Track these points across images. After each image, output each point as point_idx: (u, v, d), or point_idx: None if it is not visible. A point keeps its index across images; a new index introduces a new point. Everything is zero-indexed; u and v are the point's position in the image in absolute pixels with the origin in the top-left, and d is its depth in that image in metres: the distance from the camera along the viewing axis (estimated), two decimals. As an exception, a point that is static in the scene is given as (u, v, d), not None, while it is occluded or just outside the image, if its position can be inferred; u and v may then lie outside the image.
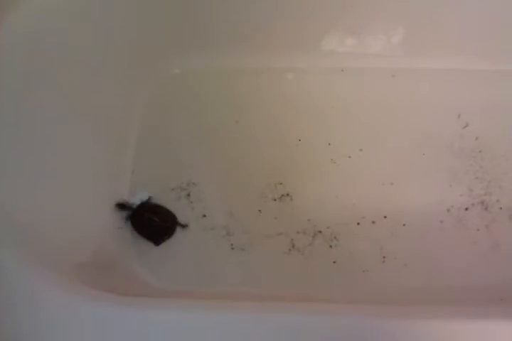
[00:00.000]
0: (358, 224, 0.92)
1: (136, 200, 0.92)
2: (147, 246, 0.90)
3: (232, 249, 0.90)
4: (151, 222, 0.89)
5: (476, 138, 1.01)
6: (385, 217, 0.93)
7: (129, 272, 0.87)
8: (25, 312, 0.60)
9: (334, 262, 0.89)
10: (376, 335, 0.60)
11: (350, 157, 0.98)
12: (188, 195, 0.95)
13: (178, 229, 0.91)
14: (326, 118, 1.02)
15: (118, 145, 0.98)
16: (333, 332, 0.60)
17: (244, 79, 1.07)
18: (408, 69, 1.06)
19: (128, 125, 1.01)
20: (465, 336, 0.59)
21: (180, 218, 0.92)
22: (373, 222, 0.92)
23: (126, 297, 0.67)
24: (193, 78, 1.07)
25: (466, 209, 0.93)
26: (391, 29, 1.05)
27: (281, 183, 0.96)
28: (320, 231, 0.91)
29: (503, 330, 0.60)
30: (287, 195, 0.95)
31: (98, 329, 0.60)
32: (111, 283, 0.78)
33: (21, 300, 0.61)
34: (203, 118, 1.03)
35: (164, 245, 0.90)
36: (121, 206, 0.90)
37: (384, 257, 0.89)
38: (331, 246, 0.90)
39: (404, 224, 0.92)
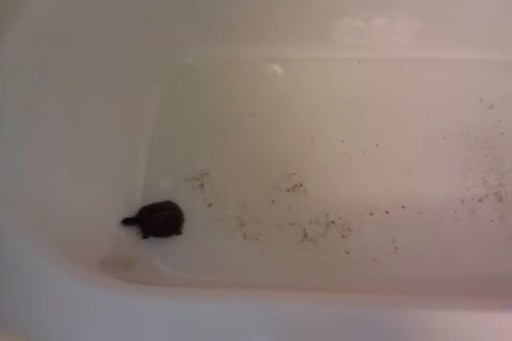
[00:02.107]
0: (371, 214, 0.92)
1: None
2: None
3: (245, 238, 0.91)
4: (154, 221, 0.89)
5: (499, 121, 1.01)
6: (403, 207, 0.92)
7: (144, 262, 0.88)
8: (48, 302, 0.62)
9: (347, 252, 0.89)
10: (387, 325, 0.61)
11: (365, 152, 0.98)
12: (202, 185, 0.95)
13: (190, 220, 0.92)
14: (340, 115, 1.02)
15: (133, 136, 0.99)
16: (344, 322, 0.60)
17: (260, 70, 1.07)
18: (421, 59, 1.05)
19: (143, 116, 1.01)
20: (477, 327, 0.60)
21: (194, 208, 0.93)
22: (387, 212, 0.92)
23: (142, 285, 0.68)
24: (209, 68, 1.08)
25: (480, 200, 0.93)
26: (407, 19, 1.05)
27: (294, 174, 0.96)
28: (333, 222, 0.92)
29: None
30: (300, 185, 0.95)
31: (117, 315, 0.61)
32: (128, 273, 0.80)
33: (43, 289, 0.63)
34: (218, 110, 1.03)
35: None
36: (128, 221, 0.88)
37: (396, 248, 0.89)
38: (343, 237, 0.90)
39: (421, 212, 0.92)
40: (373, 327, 0.60)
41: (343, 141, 0.99)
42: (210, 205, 0.94)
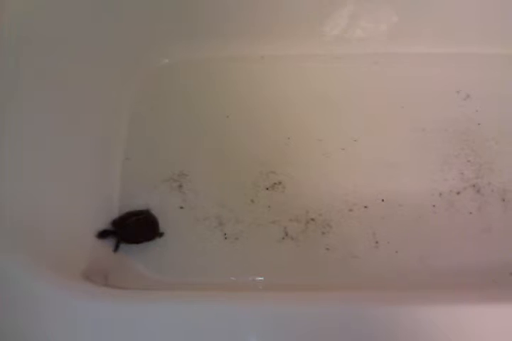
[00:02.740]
0: (351, 210, 0.92)
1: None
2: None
3: (226, 238, 0.90)
4: (128, 227, 0.88)
5: (476, 111, 1.01)
6: (383, 200, 0.93)
7: (126, 269, 0.87)
8: (28, 312, 0.61)
9: (327, 249, 0.89)
10: (372, 322, 0.61)
11: (343, 149, 0.98)
12: (180, 186, 0.95)
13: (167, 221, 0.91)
14: (316, 113, 1.01)
15: (108, 139, 0.97)
16: (330, 321, 0.60)
17: (236, 69, 1.07)
18: (396, 54, 1.06)
19: (118, 117, 1.00)
20: (460, 320, 0.60)
21: (172, 209, 0.92)
22: (366, 207, 0.92)
23: (124, 291, 0.68)
24: (183, 68, 1.07)
25: (458, 193, 0.94)
26: (383, 14, 1.05)
27: (273, 172, 0.96)
28: (313, 219, 0.92)
29: (496, 313, 0.61)
30: (279, 183, 0.95)
31: (101, 323, 0.60)
32: (111, 281, 0.78)
33: (23, 300, 0.61)
34: (194, 111, 1.02)
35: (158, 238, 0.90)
36: (104, 234, 0.86)
37: (377, 242, 0.89)
38: (323, 233, 0.90)
39: (400, 206, 0.92)
40: (359, 325, 0.60)
41: (320, 140, 0.99)
42: (189, 206, 0.93)
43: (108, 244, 0.87)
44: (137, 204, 0.92)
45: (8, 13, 0.77)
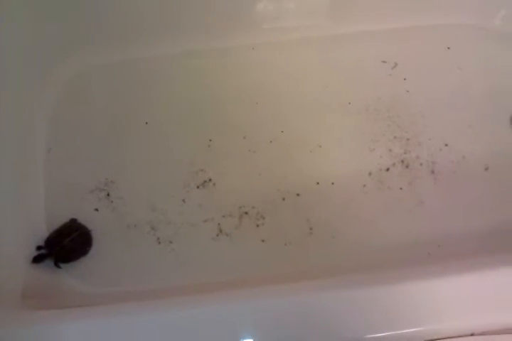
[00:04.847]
0: (284, 199, 0.91)
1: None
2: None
3: (160, 243, 0.88)
4: (66, 248, 0.84)
5: (405, 79, 1.02)
6: (318, 183, 0.92)
7: (66, 287, 0.84)
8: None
9: (263, 241, 0.88)
10: (311, 309, 0.61)
11: (271, 141, 0.97)
12: (108, 194, 0.92)
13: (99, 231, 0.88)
14: (237, 111, 1.00)
15: (29, 153, 0.93)
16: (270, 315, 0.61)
17: (147, 71, 1.04)
18: (310, 38, 1.05)
19: (35, 131, 0.96)
20: (395, 299, 0.61)
21: (102, 219, 0.90)
22: (298, 195, 0.91)
23: (65, 310, 0.66)
24: (96, 75, 1.04)
25: (388, 169, 0.94)
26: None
27: (202, 170, 0.94)
28: (246, 213, 0.90)
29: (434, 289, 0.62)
30: (210, 180, 0.93)
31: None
32: (52, 302, 0.76)
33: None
34: (113, 118, 0.99)
35: (91, 250, 0.87)
36: (39, 258, 0.82)
37: (311, 228, 0.88)
38: (258, 226, 0.89)
39: (331, 190, 0.91)
40: (300, 314, 0.61)
41: (244, 137, 0.97)
42: (119, 214, 0.90)
43: (43, 265, 0.83)
44: (65, 217, 0.88)
45: None
